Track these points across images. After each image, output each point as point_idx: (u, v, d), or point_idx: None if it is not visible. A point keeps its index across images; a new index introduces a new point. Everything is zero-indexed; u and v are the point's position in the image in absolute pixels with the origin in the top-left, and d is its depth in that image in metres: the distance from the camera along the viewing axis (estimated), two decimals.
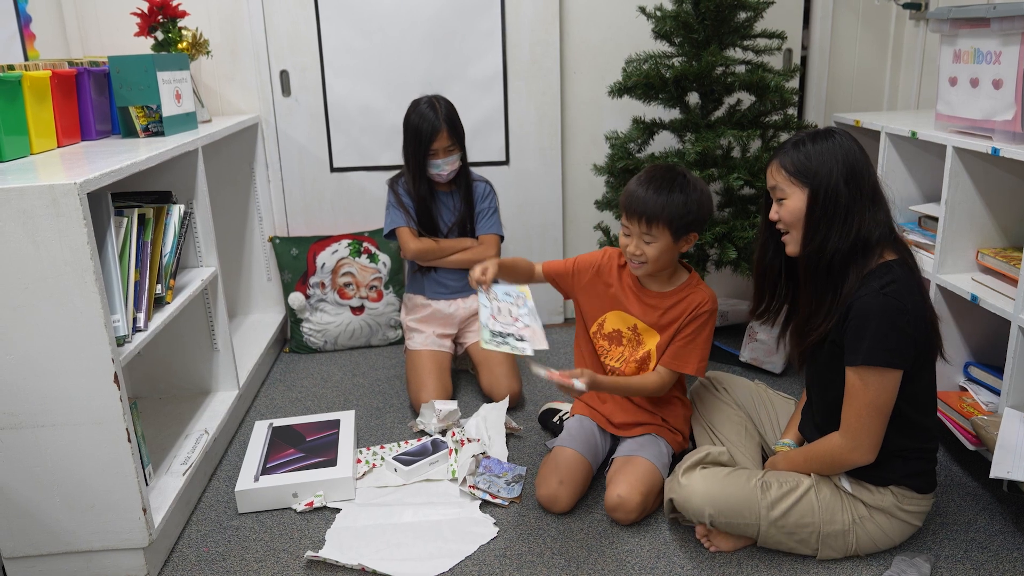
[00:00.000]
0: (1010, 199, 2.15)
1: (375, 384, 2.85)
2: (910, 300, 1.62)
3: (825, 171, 1.66)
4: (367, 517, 2.03)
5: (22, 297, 1.61)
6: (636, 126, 2.83)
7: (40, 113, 2.05)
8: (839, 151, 1.67)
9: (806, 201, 1.69)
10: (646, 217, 1.91)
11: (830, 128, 1.73)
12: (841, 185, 1.65)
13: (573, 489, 2.02)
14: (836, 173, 1.66)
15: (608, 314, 2.11)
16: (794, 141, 1.73)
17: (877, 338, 1.61)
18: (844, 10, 3.14)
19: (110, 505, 1.77)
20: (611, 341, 2.11)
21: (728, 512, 1.77)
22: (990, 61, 1.99)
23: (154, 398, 2.49)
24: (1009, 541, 1.86)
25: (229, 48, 3.02)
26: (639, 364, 2.08)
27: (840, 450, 1.71)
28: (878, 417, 1.65)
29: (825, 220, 1.67)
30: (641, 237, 1.94)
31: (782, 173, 1.72)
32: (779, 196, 1.74)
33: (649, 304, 2.05)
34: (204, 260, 2.39)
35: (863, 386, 1.64)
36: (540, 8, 3.02)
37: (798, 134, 1.74)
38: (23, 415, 1.69)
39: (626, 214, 1.95)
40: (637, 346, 2.08)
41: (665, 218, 1.90)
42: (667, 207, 1.90)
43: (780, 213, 1.75)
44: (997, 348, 2.19)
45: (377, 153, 3.16)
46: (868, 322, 1.61)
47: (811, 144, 1.69)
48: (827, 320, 1.70)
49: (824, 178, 1.66)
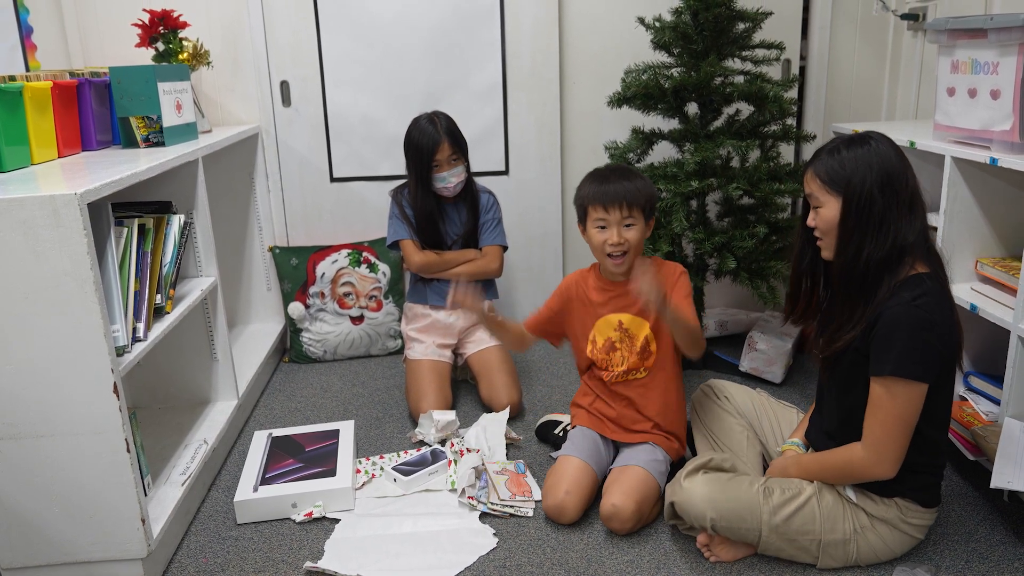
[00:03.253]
0: (1009, 209, 2.15)
1: (374, 394, 2.85)
2: (939, 314, 1.61)
3: (859, 179, 1.64)
4: (366, 527, 2.02)
5: (22, 307, 1.61)
6: (635, 136, 2.84)
7: (41, 123, 2.06)
8: (874, 157, 1.64)
9: (840, 209, 1.67)
10: (626, 201, 1.96)
11: (867, 133, 1.69)
12: (875, 192, 1.63)
13: (580, 498, 2.01)
14: (870, 180, 1.63)
15: (594, 329, 2.12)
16: (829, 148, 1.71)
17: (907, 350, 1.59)
18: (842, 21, 3.16)
19: (109, 515, 1.76)
20: (607, 352, 2.11)
21: (730, 516, 1.76)
22: (988, 72, 2.00)
23: (153, 408, 2.49)
24: (1010, 551, 1.85)
25: (230, 59, 3.03)
26: (641, 356, 2.08)
27: (862, 463, 1.68)
28: (904, 430, 1.64)
29: (859, 228, 1.65)
30: (621, 224, 1.97)
31: (816, 181, 1.70)
32: (815, 204, 1.73)
33: (622, 296, 2.07)
34: (204, 270, 2.40)
35: (890, 398, 1.62)
36: (540, 19, 3.04)
37: (834, 140, 1.72)
38: (22, 425, 1.69)
39: (602, 206, 1.97)
40: (632, 341, 2.08)
41: (641, 199, 1.98)
42: (639, 189, 1.99)
43: (816, 221, 1.74)
44: (997, 358, 2.19)
45: (377, 163, 3.17)
46: (898, 333, 1.60)
47: (845, 151, 1.67)
48: (855, 328, 1.68)
49: (857, 186, 1.64)
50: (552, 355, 3.13)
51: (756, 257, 2.64)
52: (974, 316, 2.08)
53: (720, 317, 3.23)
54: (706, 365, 2.96)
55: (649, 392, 2.11)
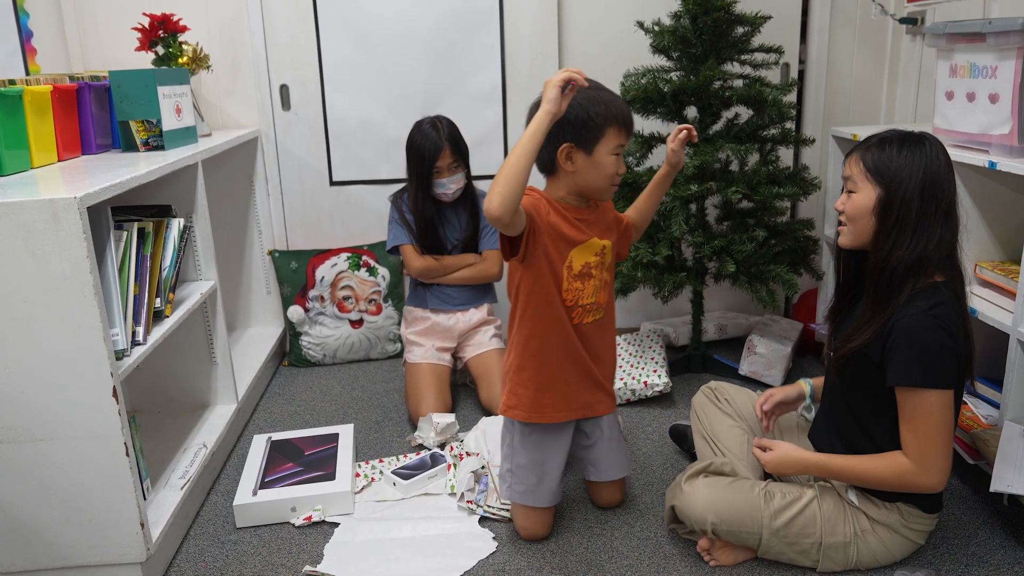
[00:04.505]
0: (1008, 212, 2.15)
1: (374, 398, 2.85)
2: (954, 324, 1.61)
3: (904, 176, 1.62)
4: (366, 532, 2.02)
5: (21, 311, 1.61)
6: (635, 140, 2.84)
7: (41, 127, 2.06)
8: (923, 160, 1.62)
9: (875, 201, 1.66)
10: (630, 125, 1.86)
11: (924, 134, 1.67)
12: (915, 195, 1.62)
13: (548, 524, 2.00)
14: (914, 182, 1.62)
15: (571, 254, 1.87)
16: (881, 138, 1.68)
17: (932, 359, 1.59)
18: (841, 25, 3.16)
19: (108, 519, 1.76)
20: (582, 279, 1.89)
21: (731, 520, 1.76)
22: (986, 75, 2.00)
23: (153, 412, 2.49)
24: (1010, 555, 1.85)
25: (229, 62, 3.03)
26: (609, 283, 1.96)
27: (911, 474, 1.65)
28: (948, 437, 1.63)
29: (896, 228, 1.64)
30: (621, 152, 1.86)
31: (859, 166, 1.69)
32: (850, 188, 1.71)
33: (595, 223, 1.92)
34: (203, 274, 2.40)
35: (926, 408, 1.61)
36: (539, 23, 3.04)
37: (889, 132, 1.70)
38: (21, 429, 1.69)
39: (625, 131, 1.83)
40: (605, 271, 1.94)
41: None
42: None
43: (846, 204, 1.72)
44: (996, 361, 2.19)
45: (377, 166, 3.17)
46: (920, 343, 1.59)
47: (897, 146, 1.65)
48: (872, 329, 1.67)
49: (901, 184, 1.63)
50: None
51: (755, 261, 2.64)
52: (973, 320, 2.08)
53: (719, 320, 3.23)
54: (705, 368, 2.96)
55: (607, 335, 1.98)
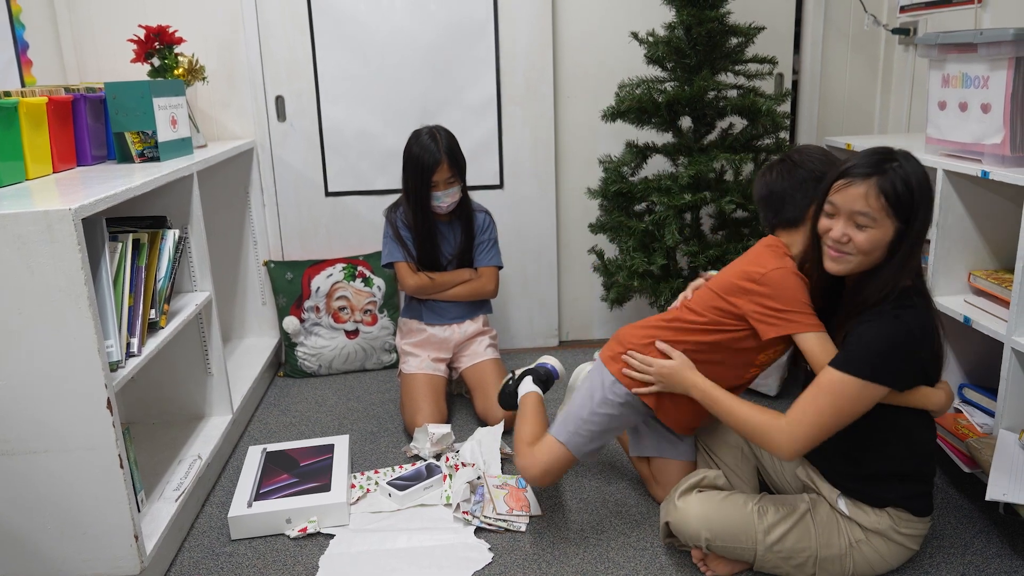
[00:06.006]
0: (1001, 221, 2.16)
1: (369, 408, 2.84)
2: (918, 326, 1.60)
3: (923, 211, 1.58)
4: (361, 543, 2.02)
5: (16, 322, 1.61)
6: (629, 150, 2.85)
7: (36, 139, 2.06)
8: (929, 188, 1.59)
9: (893, 235, 1.59)
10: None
11: (905, 153, 1.61)
12: (927, 227, 1.60)
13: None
14: (928, 215, 1.60)
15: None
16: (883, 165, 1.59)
17: (872, 351, 1.58)
18: (834, 35, 3.18)
19: (102, 532, 1.75)
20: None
21: (724, 536, 1.76)
22: (978, 85, 2.01)
23: (147, 423, 2.48)
24: (1006, 564, 1.85)
25: (225, 74, 3.04)
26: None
27: (775, 430, 1.65)
28: (833, 424, 1.62)
29: (897, 262, 1.60)
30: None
31: (881, 201, 1.57)
32: (863, 223, 1.60)
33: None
34: (199, 285, 2.39)
35: (837, 388, 1.60)
36: (534, 35, 3.06)
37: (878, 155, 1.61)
38: (15, 441, 1.68)
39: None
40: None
41: None
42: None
43: (855, 237, 1.61)
44: (991, 369, 2.20)
45: (372, 177, 3.18)
46: (868, 336, 1.60)
47: (910, 172, 1.57)
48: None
49: (922, 218, 1.58)
50: None
51: None
52: (967, 328, 2.09)
53: None
54: None
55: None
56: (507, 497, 2.14)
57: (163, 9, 2.93)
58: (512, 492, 2.17)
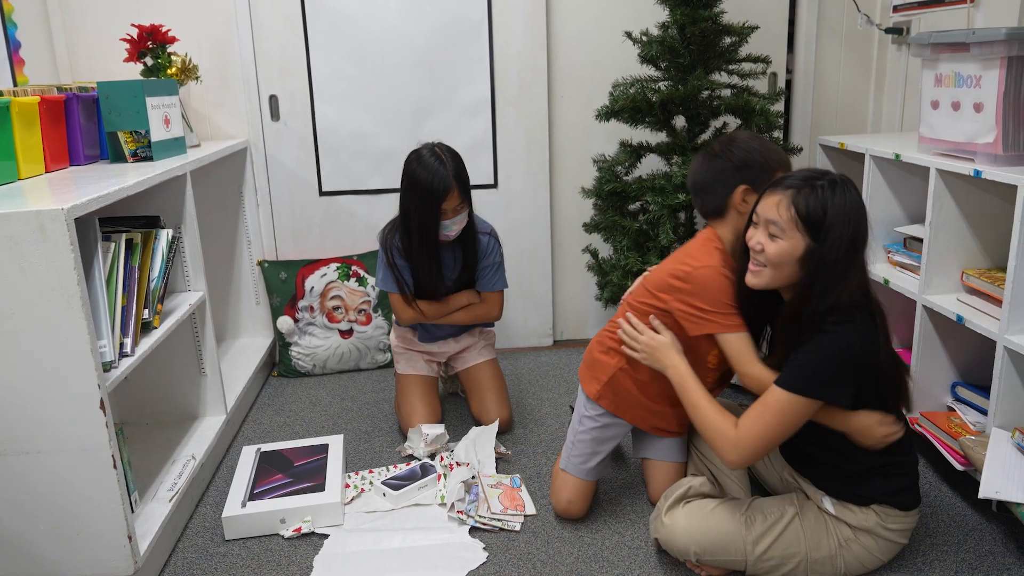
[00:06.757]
0: (993, 220, 2.17)
1: (364, 408, 2.84)
2: (858, 339, 1.59)
3: (837, 232, 1.57)
4: (356, 543, 2.01)
5: (8, 323, 1.60)
6: (623, 149, 2.85)
7: (28, 138, 2.05)
8: (852, 212, 1.58)
9: (803, 252, 1.61)
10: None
11: (844, 178, 1.62)
12: (843, 250, 1.58)
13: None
14: (846, 236, 1.57)
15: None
16: (809, 181, 1.61)
17: (813, 369, 1.60)
18: (828, 35, 3.19)
19: (95, 532, 1.75)
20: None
21: (714, 550, 1.77)
22: (971, 85, 2.02)
23: (141, 423, 2.47)
24: (999, 562, 1.86)
25: (218, 73, 3.03)
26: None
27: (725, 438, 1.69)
28: (778, 437, 1.65)
29: (819, 283, 1.60)
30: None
31: (789, 212, 1.60)
32: (773, 232, 1.64)
33: None
34: (192, 284, 2.39)
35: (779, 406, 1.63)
36: (528, 35, 3.05)
37: (810, 172, 1.64)
38: (7, 442, 1.67)
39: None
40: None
41: None
42: None
43: (767, 247, 1.65)
44: (983, 368, 2.21)
45: (366, 177, 3.17)
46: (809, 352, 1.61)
47: (830, 193, 1.58)
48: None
49: (834, 239, 1.57)
50: (542, 368, 3.13)
51: None
52: (960, 327, 2.09)
53: None
54: None
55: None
56: (501, 497, 2.15)
57: (156, 8, 2.92)
58: (506, 492, 2.17)
